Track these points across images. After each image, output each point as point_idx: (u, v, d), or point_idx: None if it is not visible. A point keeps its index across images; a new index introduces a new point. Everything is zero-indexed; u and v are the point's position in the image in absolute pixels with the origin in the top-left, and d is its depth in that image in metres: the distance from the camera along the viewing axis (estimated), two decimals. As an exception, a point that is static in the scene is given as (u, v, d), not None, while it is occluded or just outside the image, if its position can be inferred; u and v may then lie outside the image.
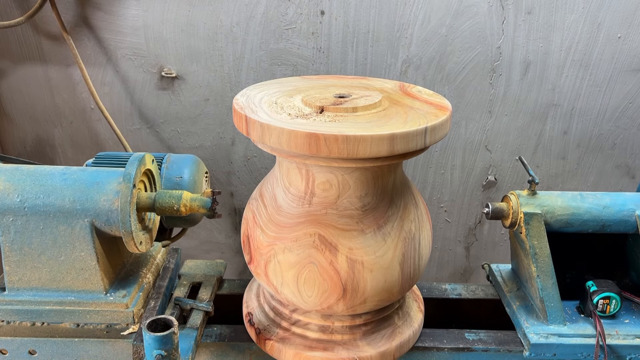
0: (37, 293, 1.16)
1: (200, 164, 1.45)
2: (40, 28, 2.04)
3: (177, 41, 2.06)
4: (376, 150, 0.90)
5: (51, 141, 2.25)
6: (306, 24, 2.04)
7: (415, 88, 1.21)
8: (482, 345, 1.21)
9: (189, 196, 1.17)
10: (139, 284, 1.23)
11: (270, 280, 1.07)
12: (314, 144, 0.89)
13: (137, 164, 1.12)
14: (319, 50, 2.09)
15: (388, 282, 1.05)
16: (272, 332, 1.16)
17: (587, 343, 1.17)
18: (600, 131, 2.22)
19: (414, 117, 0.99)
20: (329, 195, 1.02)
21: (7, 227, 1.11)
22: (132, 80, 2.13)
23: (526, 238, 1.21)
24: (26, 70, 2.11)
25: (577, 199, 1.25)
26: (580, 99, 2.16)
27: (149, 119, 2.21)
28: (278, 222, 1.05)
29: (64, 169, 1.15)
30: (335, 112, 1.01)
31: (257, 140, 0.97)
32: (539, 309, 1.22)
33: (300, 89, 1.15)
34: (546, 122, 2.20)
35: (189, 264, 1.43)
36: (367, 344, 1.13)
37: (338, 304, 1.05)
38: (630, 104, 2.16)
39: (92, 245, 1.12)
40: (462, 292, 1.41)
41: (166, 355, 0.91)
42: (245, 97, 1.08)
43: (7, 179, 1.12)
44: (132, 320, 1.16)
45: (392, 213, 1.05)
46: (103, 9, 2.01)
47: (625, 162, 2.28)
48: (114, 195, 1.10)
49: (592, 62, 2.08)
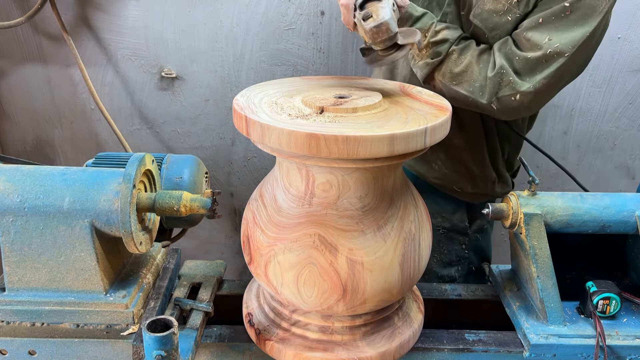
0: (37, 293, 1.16)
1: (200, 165, 1.45)
2: (40, 28, 2.04)
3: (177, 42, 2.06)
4: (376, 150, 0.90)
5: (51, 141, 2.25)
6: (306, 24, 2.04)
7: (415, 89, 1.21)
8: (482, 345, 1.21)
9: (189, 197, 1.17)
10: (139, 284, 1.23)
11: (270, 280, 1.07)
12: (314, 145, 0.89)
13: (137, 164, 1.12)
14: (319, 51, 2.09)
15: (388, 282, 1.05)
16: (272, 333, 1.16)
17: (587, 344, 1.17)
18: (600, 132, 2.22)
19: (414, 118, 0.99)
20: (329, 195, 1.02)
21: (7, 228, 1.11)
22: (132, 81, 2.13)
23: (526, 239, 1.21)
24: (26, 70, 2.11)
25: (577, 199, 1.25)
26: (580, 99, 2.16)
27: (149, 119, 2.21)
28: (278, 222, 1.05)
29: (64, 169, 1.15)
30: (336, 112, 1.01)
31: (257, 140, 0.97)
32: (539, 310, 1.22)
33: (301, 89, 1.15)
34: (546, 123, 2.21)
35: (189, 264, 1.43)
36: (367, 345, 1.13)
37: (338, 305, 1.05)
38: (630, 104, 2.16)
39: (92, 246, 1.12)
40: (462, 293, 1.41)
41: (166, 356, 0.91)
42: (245, 97, 1.08)
43: (7, 179, 1.12)
44: (132, 320, 1.16)
45: (392, 214, 1.05)
46: (103, 9, 2.01)
47: (625, 162, 2.28)
48: (114, 196, 1.10)
49: (592, 63, 2.08)
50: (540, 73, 1.30)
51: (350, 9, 1.10)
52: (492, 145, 1.62)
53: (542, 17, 1.28)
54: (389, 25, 1.05)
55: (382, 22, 1.05)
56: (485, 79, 1.34)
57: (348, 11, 1.10)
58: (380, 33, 1.06)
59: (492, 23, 1.36)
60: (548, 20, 1.28)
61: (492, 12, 1.35)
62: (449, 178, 1.67)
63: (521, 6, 1.32)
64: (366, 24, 1.07)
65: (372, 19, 1.06)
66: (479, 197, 1.71)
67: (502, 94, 1.33)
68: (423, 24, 1.36)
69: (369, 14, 1.06)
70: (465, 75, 1.36)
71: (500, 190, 1.70)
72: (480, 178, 1.65)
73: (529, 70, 1.31)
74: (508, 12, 1.33)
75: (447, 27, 1.39)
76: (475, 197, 1.71)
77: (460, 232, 1.75)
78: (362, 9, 1.09)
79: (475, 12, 1.38)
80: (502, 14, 1.34)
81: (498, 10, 1.34)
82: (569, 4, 1.25)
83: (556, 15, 1.27)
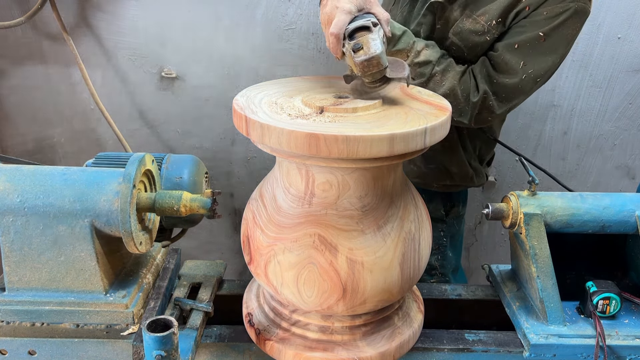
0: (36, 293, 1.16)
1: (200, 165, 1.45)
2: (40, 28, 2.04)
3: (177, 41, 2.06)
4: (376, 150, 0.90)
5: (51, 141, 2.25)
6: (306, 24, 2.04)
7: (415, 88, 1.21)
8: (482, 345, 1.21)
9: (188, 196, 1.17)
10: (139, 284, 1.23)
11: (270, 280, 1.07)
12: (314, 145, 0.89)
13: (137, 164, 1.12)
14: (319, 51, 2.09)
15: (388, 282, 1.05)
16: (272, 333, 1.16)
17: (587, 344, 1.17)
18: (600, 132, 2.22)
19: (413, 118, 0.99)
20: (328, 195, 1.02)
21: (7, 228, 1.11)
22: (132, 81, 2.13)
23: (526, 239, 1.21)
24: (26, 70, 2.11)
25: (577, 199, 1.25)
26: (580, 99, 2.16)
27: (149, 119, 2.21)
28: (278, 222, 1.05)
29: (64, 169, 1.15)
30: (335, 112, 1.01)
31: (257, 140, 0.97)
32: (539, 310, 1.22)
33: (300, 89, 1.15)
34: (546, 123, 2.21)
35: (189, 264, 1.43)
36: (367, 345, 1.13)
37: (338, 305, 1.05)
38: (630, 104, 2.16)
39: (92, 246, 1.12)
40: (462, 293, 1.41)
41: (166, 356, 0.91)
42: (245, 97, 1.08)
43: (7, 179, 1.12)
44: (132, 320, 1.16)
45: (392, 213, 1.05)
46: (103, 9, 2.01)
47: (625, 162, 2.28)
48: (114, 196, 1.10)
49: (592, 63, 2.09)
50: (516, 98, 1.44)
51: (339, 39, 1.08)
52: (466, 146, 1.70)
53: (517, 43, 1.38)
54: (380, 60, 1.03)
55: (374, 56, 1.02)
56: (467, 103, 1.43)
57: (337, 41, 1.08)
58: (371, 67, 1.04)
59: (472, 42, 1.44)
60: (523, 45, 1.38)
61: (471, 32, 1.43)
62: (428, 177, 1.74)
63: (499, 27, 1.40)
64: (356, 57, 1.03)
65: (363, 51, 1.03)
66: (457, 188, 1.80)
67: (482, 114, 1.45)
68: (405, 43, 1.40)
69: (360, 46, 1.03)
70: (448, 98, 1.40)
71: (477, 181, 1.79)
72: (458, 175, 1.73)
73: (506, 95, 1.42)
74: (487, 33, 1.41)
75: (426, 46, 1.43)
76: (453, 188, 1.79)
77: (438, 220, 1.82)
78: (351, 38, 1.06)
79: (455, 31, 1.45)
80: (481, 34, 1.42)
81: (477, 31, 1.42)
82: (543, 33, 1.35)
83: (531, 42, 1.37)
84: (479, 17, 1.40)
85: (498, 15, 1.38)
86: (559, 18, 1.34)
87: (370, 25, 1.05)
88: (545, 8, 1.34)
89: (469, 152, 1.72)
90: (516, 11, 1.37)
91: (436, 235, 1.81)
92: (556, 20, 1.34)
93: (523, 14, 1.37)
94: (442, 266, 1.85)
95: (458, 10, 1.44)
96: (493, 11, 1.39)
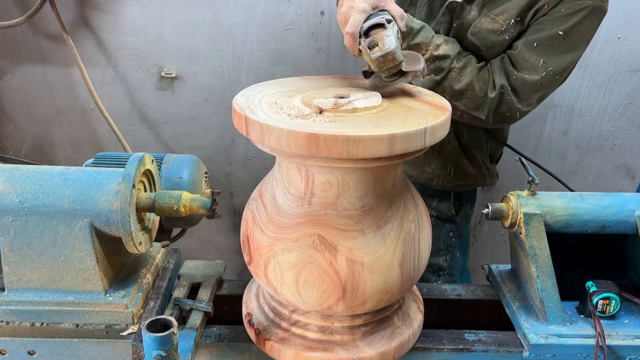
0: (36, 293, 1.16)
1: (200, 164, 1.45)
2: (40, 28, 2.04)
3: (176, 41, 2.06)
4: (376, 150, 0.90)
5: (51, 141, 2.25)
6: (306, 24, 2.04)
7: (415, 88, 1.21)
8: (481, 345, 1.21)
9: (188, 196, 1.17)
10: (139, 284, 1.23)
11: (270, 280, 1.07)
12: (314, 144, 0.89)
13: (137, 164, 1.12)
14: (319, 51, 2.09)
15: (388, 282, 1.05)
16: (271, 333, 1.16)
17: (587, 343, 1.17)
18: (600, 132, 2.22)
19: (413, 118, 0.99)
20: (328, 195, 1.02)
21: (6, 228, 1.11)
22: (132, 81, 2.13)
23: (526, 239, 1.21)
24: (26, 70, 2.11)
25: (577, 199, 1.25)
26: (579, 99, 2.16)
27: (149, 119, 2.21)
28: (278, 222, 1.05)
29: (64, 169, 1.15)
30: (335, 112, 1.01)
31: (257, 140, 0.97)
32: (539, 310, 1.22)
33: (300, 89, 1.15)
34: (546, 123, 2.21)
35: (189, 264, 1.43)
36: (366, 345, 1.13)
37: (338, 305, 1.05)
38: (630, 104, 2.16)
39: (92, 246, 1.12)
40: (461, 293, 1.41)
41: (165, 356, 0.91)
42: (244, 97, 1.08)
43: (7, 179, 1.11)
44: (132, 320, 1.16)
45: (392, 213, 1.05)
46: (103, 9, 2.01)
47: (624, 162, 2.28)
48: (114, 196, 1.10)
49: (592, 63, 2.09)
50: (535, 94, 1.42)
51: (355, 37, 1.13)
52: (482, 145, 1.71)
53: (537, 41, 1.38)
54: (395, 55, 1.08)
55: (388, 52, 1.07)
56: (485, 98, 1.43)
57: (354, 39, 1.13)
58: (387, 62, 1.09)
59: (490, 41, 1.44)
60: (542, 43, 1.38)
61: (490, 31, 1.43)
62: (443, 178, 1.74)
63: (517, 26, 1.40)
64: (372, 53, 1.09)
65: (378, 47, 1.08)
66: (469, 187, 1.80)
67: (500, 111, 1.44)
68: (424, 37, 1.40)
69: (375, 43, 1.09)
70: (466, 93, 1.43)
71: (489, 180, 1.79)
72: (473, 175, 1.73)
73: (526, 92, 1.41)
74: (505, 32, 1.41)
75: (445, 41, 1.43)
76: (465, 187, 1.79)
77: (448, 220, 1.81)
78: (367, 36, 1.11)
79: (473, 31, 1.45)
80: (500, 33, 1.42)
81: (496, 30, 1.42)
82: (563, 32, 1.35)
83: (550, 40, 1.37)
84: (497, 17, 1.41)
85: (517, 14, 1.38)
86: (577, 16, 1.34)
87: (384, 22, 1.11)
88: (563, 5, 1.34)
89: (484, 152, 1.73)
90: (535, 9, 1.37)
91: (445, 236, 1.81)
92: (574, 18, 1.34)
93: (542, 12, 1.37)
94: (450, 267, 1.84)
95: (476, 10, 1.44)
96: (511, 10, 1.39)
